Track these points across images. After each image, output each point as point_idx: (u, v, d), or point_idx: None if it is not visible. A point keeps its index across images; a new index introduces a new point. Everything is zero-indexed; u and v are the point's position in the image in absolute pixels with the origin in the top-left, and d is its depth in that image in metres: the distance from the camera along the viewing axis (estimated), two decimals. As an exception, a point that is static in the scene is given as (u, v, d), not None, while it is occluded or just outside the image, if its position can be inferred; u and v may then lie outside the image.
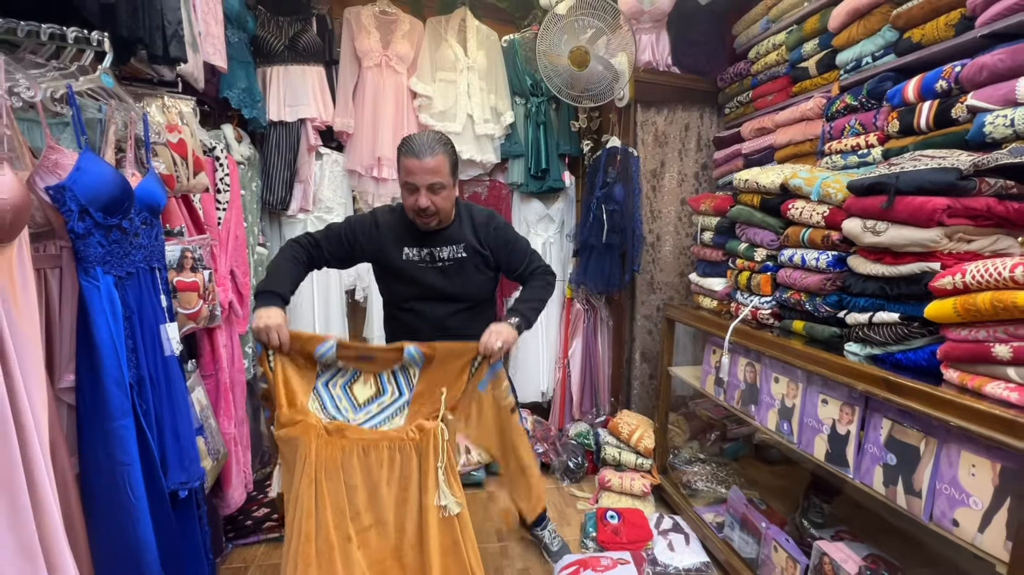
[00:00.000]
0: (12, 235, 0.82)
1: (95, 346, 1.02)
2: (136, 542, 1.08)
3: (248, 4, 2.16)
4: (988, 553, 0.97)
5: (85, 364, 1.02)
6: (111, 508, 1.06)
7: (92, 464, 1.04)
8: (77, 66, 1.06)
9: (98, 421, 1.04)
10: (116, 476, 1.06)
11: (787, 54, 2.07)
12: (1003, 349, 0.99)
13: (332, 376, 1.32)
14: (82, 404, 1.03)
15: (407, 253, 1.47)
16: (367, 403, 1.31)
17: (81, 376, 1.02)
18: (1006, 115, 1.24)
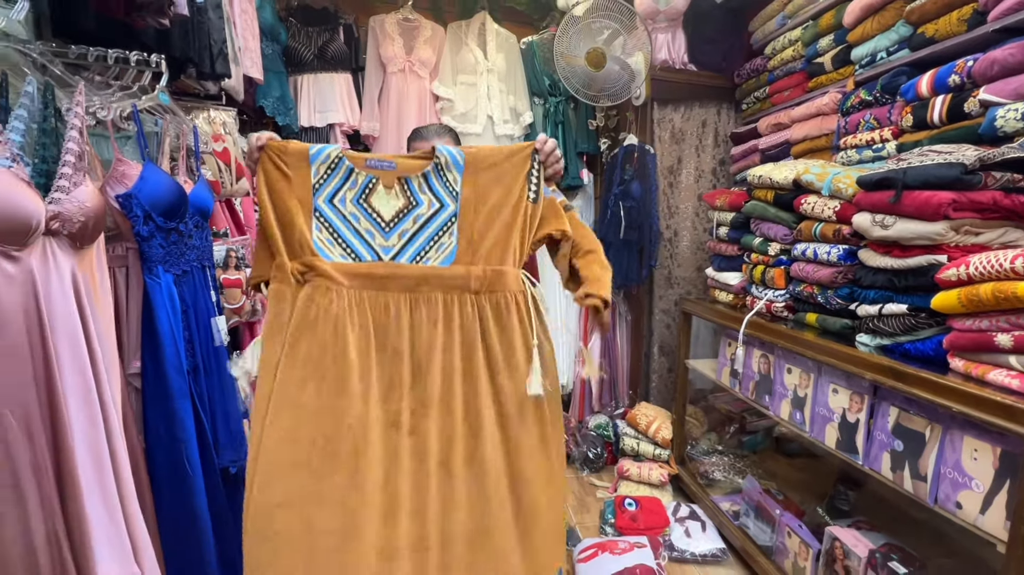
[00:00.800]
0: (93, 238, 0.94)
1: (158, 336, 1.14)
2: (192, 510, 1.20)
3: (280, 16, 2.28)
4: (989, 533, 1.01)
5: (149, 352, 1.14)
6: (171, 480, 1.18)
7: (155, 441, 1.17)
8: (138, 86, 1.19)
9: (160, 403, 1.16)
10: (175, 452, 1.18)
11: (803, 50, 2.08)
12: (1005, 338, 1.03)
13: (339, 188, 0.96)
14: (146, 387, 1.16)
15: None
16: (398, 220, 0.97)
17: (146, 363, 1.15)
18: (1017, 109, 1.26)
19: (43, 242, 0.83)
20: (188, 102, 1.51)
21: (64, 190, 0.87)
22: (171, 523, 1.18)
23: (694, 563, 1.87)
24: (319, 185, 0.96)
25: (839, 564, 1.42)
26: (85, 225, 0.89)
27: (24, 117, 0.89)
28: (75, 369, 0.86)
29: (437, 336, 0.93)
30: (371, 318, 0.93)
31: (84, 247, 0.93)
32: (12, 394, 0.76)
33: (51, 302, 0.83)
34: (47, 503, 0.80)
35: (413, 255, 0.97)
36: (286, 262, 0.95)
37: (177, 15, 1.09)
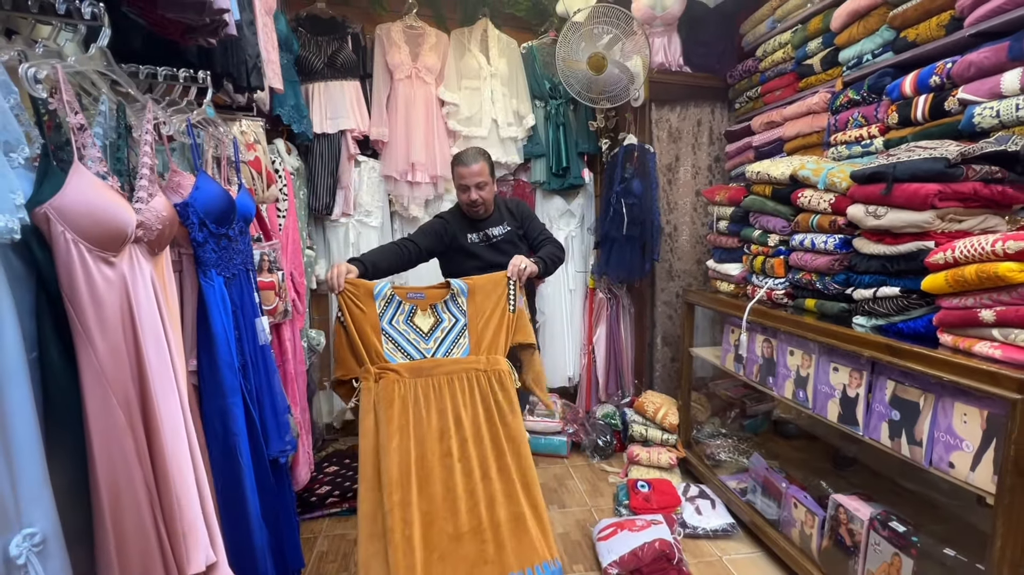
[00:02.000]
0: (166, 244, 1.02)
1: (212, 336, 1.21)
2: (243, 499, 1.28)
3: (292, 27, 2.35)
4: (979, 487, 1.13)
5: (204, 351, 1.22)
6: (224, 471, 1.25)
7: (211, 434, 1.24)
8: (186, 101, 1.26)
9: (215, 398, 1.23)
10: (229, 445, 1.26)
11: (793, 52, 2.21)
12: (988, 313, 1.15)
13: (394, 314, 1.55)
14: (202, 384, 1.23)
15: (471, 237, 1.92)
16: (432, 331, 1.56)
17: (201, 361, 1.22)
18: (992, 107, 1.39)
19: (129, 249, 0.91)
20: (221, 114, 1.58)
21: (143, 200, 0.95)
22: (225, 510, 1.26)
23: (706, 538, 1.99)
24: (382, 314, 1.55)
25: (843, 528, 1.54)
26: (162, 233, 0.97)
27: (100, 135, 0.97)
28: (160, 367, 0.94)
29: (466, 398, 1.50)
30: (424, 394, 1.48)
31: (159, 253, 1.01)
32: (118, 388, 0.84)
33: (139, 304, 0.90)
34: (149, 488, 0.87)
35: (444, 352, 1.57)
36: (370, 367, 1.49)
37: (227, 35, 1.17)
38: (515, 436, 1.48)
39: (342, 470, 2.36)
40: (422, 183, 2.64)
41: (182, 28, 1.10)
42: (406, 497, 1.37)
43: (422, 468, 1.41)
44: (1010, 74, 1.36)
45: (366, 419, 1.45)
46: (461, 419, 1.47)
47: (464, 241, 1.91)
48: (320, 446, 2.64)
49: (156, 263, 1.01)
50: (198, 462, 1.03)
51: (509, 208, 2.01)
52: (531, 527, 1.44)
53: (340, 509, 2.19)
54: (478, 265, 1.85)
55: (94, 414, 0.81)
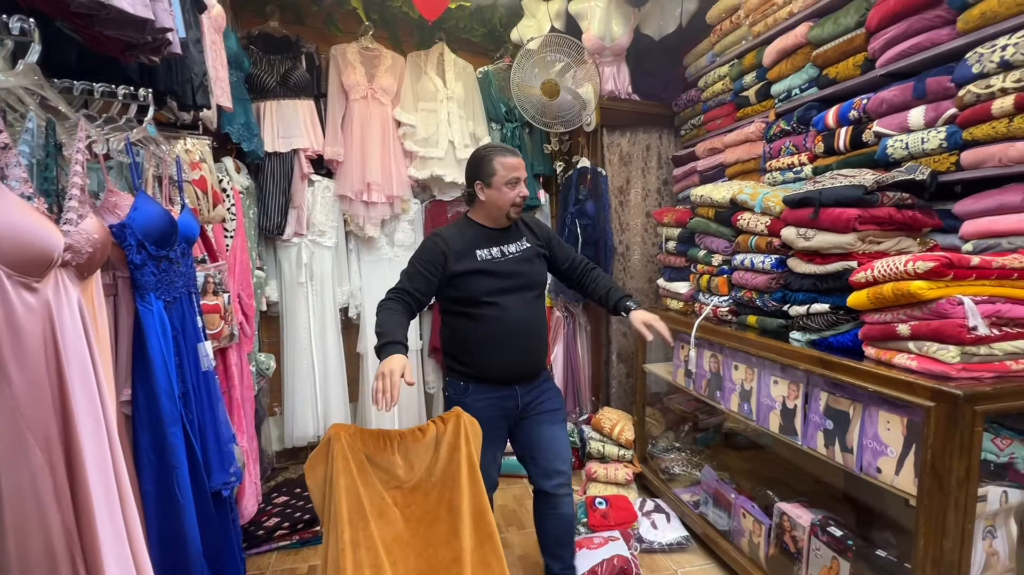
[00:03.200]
0: (97, 267, 0.97)
1: (150, 363, 1.15)
2: (183, 536, 1.21)
3: (243, 45, 2.32)
4: (902, 490, 1.21)
5: (141, 379, 1.16)
6: (163, 506, 1.18)
7: (146, 467, 1.17)
8: (125, 119, 1.21)
9: (152, 429, 1.17)
10: (167, 479, 1.19)
11: (731, 84, 2.37)
12: (904, 328, 1.25)
13: None
14: (137, 415, 1.16)
15: (481, 255, 1.55)
16: None
17: (137, 390, 1.16)
18: (902, 139, 1.54)
19: (55, 273, 0.86)
20: (165, 132, 1.53)
21: (72, 222, 0.90)
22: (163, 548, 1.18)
23: (662, 552, 2.02)
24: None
25: (787, 535, 1.60)
26: (92, 256, 0.93)
27: (27, 153, 0.92)
28: (86, 398, 0.89)
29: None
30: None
31: (88, 277, 0.96)
32: (36, 426, 0.78)
33: (64, 332, 0.85)
34: (67, 528, 0.81)
35: None
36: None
37: (171, 53, 1.14)
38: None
39: (292, 500, 2.26)
40: (378, 203, 2.62)
41: (122, 45, 1.07)
42: (356, 536, 1.27)
43: (373, 505, 1.31)
44: (915, 111, 1.52)
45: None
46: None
47: (472, 259, 1.55)
48: (269, 475, 2.52)
49: (85, 288, 0.96)
50: (127, 499, 0.97)
51: (528, 223, 1.71)
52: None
53: (290, 542, 2.09)
54: (497, 286, 1.54)
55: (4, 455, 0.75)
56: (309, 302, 2.57)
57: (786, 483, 2.10)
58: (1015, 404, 1.14)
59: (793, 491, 2.01)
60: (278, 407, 2.67)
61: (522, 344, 1.58)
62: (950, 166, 1.43)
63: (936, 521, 1.12)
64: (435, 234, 1.60)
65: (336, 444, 1.33)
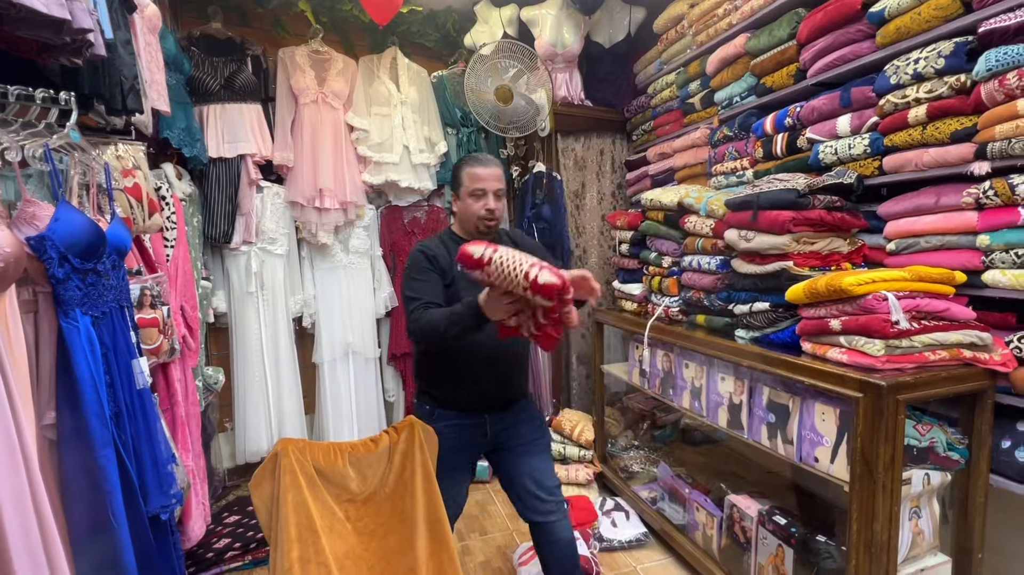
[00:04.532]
0: (8, 284, 0.91)
1: (76, 383, 1.08)
2: (119, 565, 1.14)
3: (182, 47, 2.22)
4: (837, 478, 1.28)
5: (66, 401, 1.08)
6: (94, 534, 1.11)
7: (76, 494, 1.10)
8: (44, 123, 1.14)
9: (81, 453, 1.10)
10: (99, 504, 1.12)
11: (677, 91, 2.45)
12: (836, 323, 1.32)
13: None
14: (63, 439, 1.09)
15: (459, 267, 1.33)
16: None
17: (62, 412, 1.08)
18: (831, 146, 1.63)
19: (-41, 291, 0.80)
20: (93, 138, 1.44)
21: (-20, 236, 0.84)
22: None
23: (621, 550, 2.06)
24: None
25: (737, 526, 1.66)
26: (4, 271, 0.87)
27: (-73, 161, 0.85)
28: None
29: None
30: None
31: (1, 293, 0.89)
32: (-63, 452, 0.72)
33: (-29, 353, 0.79)
34: (-24, 564, 0.75)
35: None
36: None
37: (94, 55, 1.08)
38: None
39: (244, 518, 2.17)
40: (331, 209, 2.56)
41: (36, 46, 1.01)
42: (306, 553, 1.24)
43: (324, 520, 1.27)
44: (843, 119, 1.61)
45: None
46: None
47: (455, 271, 1.44)
48: (220, 494, 2.41)
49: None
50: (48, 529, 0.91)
51: (511, 237, 1.60)
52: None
53: (242, 562, 2.00)
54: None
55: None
56: (260, 312, 2.49)
57: (740, 476, 2.18)
58: (933, 392, 1.22)
59: (746, 483, 2.08)
60: (229, 422, 2.57)
61: (498, 368, 1.45)
62: (874, 170, 1.53)
63: (867, 505, 1.19)
64: (418, 245, 1.50)
65: (284, 459, 1.29)
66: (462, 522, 2.26)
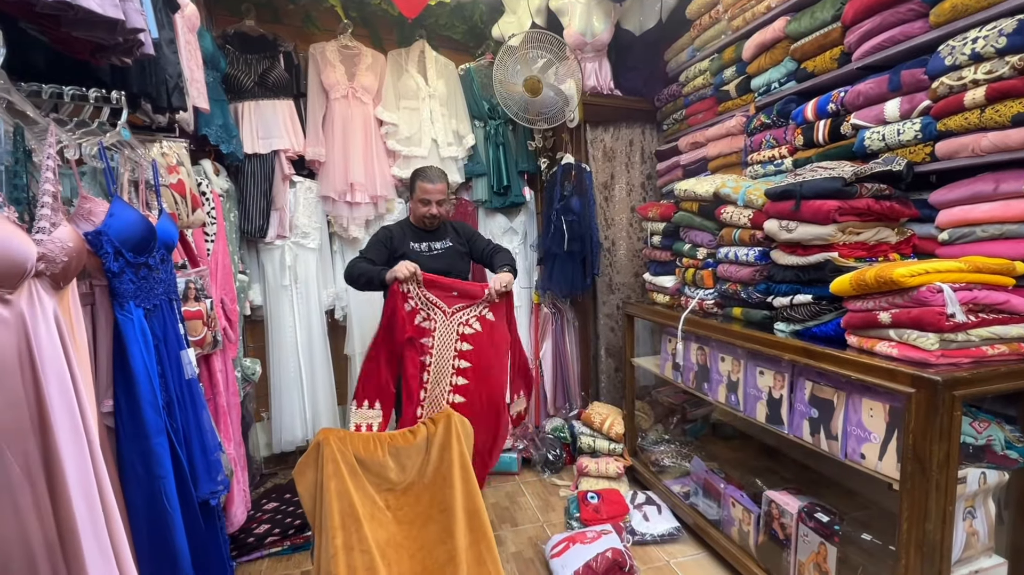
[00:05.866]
0: (72, 276, 0.94)
1: (131, 373, 1.13)
2: (172, 547, 1.19)
3: (219, 45, 2.27)
4: (886, 475, 1.24)
5: (123, 389, 1.13)
6: (150, 517, 1.16)
7: (132, 479, 1.15)
8: (97, 123, 1.18)
9: (136, 440, 1.14)
10: (154, 489, 1.16)
11: (711, 79, 2.38)
12: (885, 315, 1.28)
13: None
14: (120, 425, 1.14)
15: (414, 246, 2.07)
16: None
17: (119, 400, 1.13)
18: (879, 131, 1.56)
19: (28, 284, 0.83)
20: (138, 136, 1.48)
21: (45, 231, 0.87)
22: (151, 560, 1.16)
23: (654, 544, 2.04)
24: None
25: (776, 523, 1.63)
26: (67, 265, 0.90)
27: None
28: (65, 411, 0.86)
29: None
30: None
31: (64, 287, 0.93)
32: (14, 441, 0.76)
33: (40, 344, 0.83)
34: (49, 545, 0.79)
35: None
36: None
37: (143, 54, 1.11)
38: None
39: (282, 505, 2.24)
40: (362, 203, 2.59)
41: (91, 47, 1.04)
42: (349, 540, 1.28)
43: (365, 508, 1.32)
44: (891, 103, 1.54)
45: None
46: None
47: (407, 248, 2.05)
48: (258, 482, 2.49)
49: (61, 298, 0.93)
50: (111, 512, 0.94)
51: (455, 227, 2.20)
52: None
53: (281, 547, 2.06)
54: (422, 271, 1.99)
55: (-17, 469, 0.73)
56: (294, 305, 2.54)
57: (774, 471, 2.14)
58: (991, 388, 1.17)
59: (781, 479, 2.05)
60: (265, 412, 2.64)
61: None
62: (925, 157, 1.46)
63: (919, 504, 1.15)
64: (383, 227, 2.13)
65: (326, 448, 1.32)
66: (494, 513, 2.28)
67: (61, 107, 1.18)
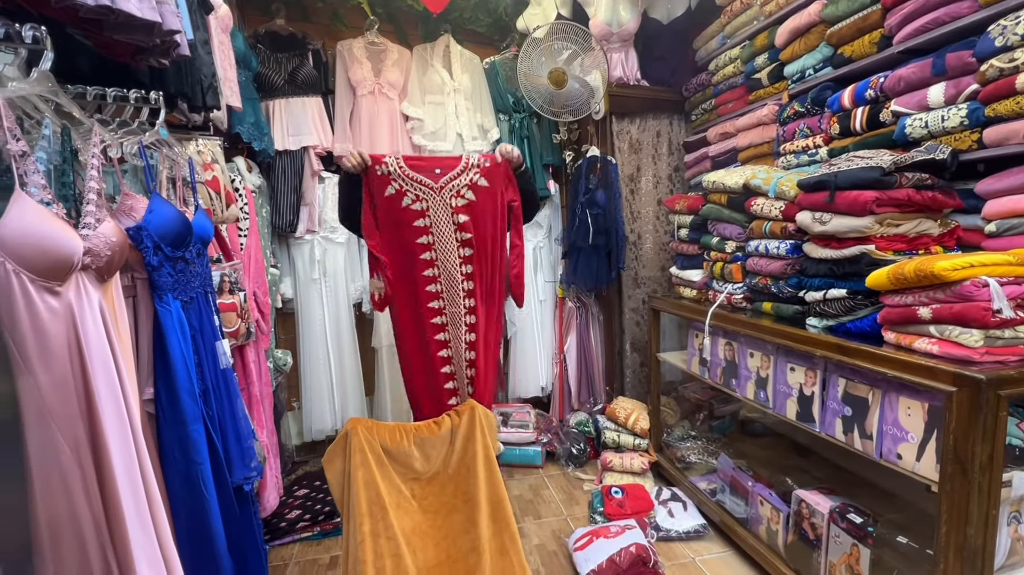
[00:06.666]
0: (116, 270, 0.99)
1: (170, 362, 1.18)
2: (209, 529, 1.24)
3: (250, 44, 2.33)
4: (924, 476, 1.20)
5: (162, 378, 1.18)
6: (188, 501, 1.21)
7: (171, 464, 1.20)
8: (137, 122, 1.23)
9: (175, 426, 1.19)
10: (191, 474, 1.22)
11: (742, 66, 2.31)
12: (925, 311, 1.22)
13: None
14: (160, 413, 1.19)
15: None
16: None
17: (159, 389, 1.18)
18: (921, 118, 1.49)
19: (76, 277, 0.88)
20: (175, 134, 1.54)
21: (90, 227, 0.92)
22: (189, 543, 1.21)
23: (679, 540, 2.02)
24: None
25: (806, 523, 1.59)
26: (111, 259, 0.94)
27: (44, 159, 0.94)
28: (110, 398, 0.91)
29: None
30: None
31: (108, 280, 0.98)
32: (64, 425, 0.81)
33: (87, 334, 0.87)
34: (97, 524, 0.84)
35: None
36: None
37: (179, 56, 1.15)
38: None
39: (313, 492, 2.31)
40: (388, 198, 2.62)
41: (131, 50, 1.08)
42: (376, 527, 1.31)
43: (391, 497, 1.35)
44: (935, 88, 1.47)
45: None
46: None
47: None
48: (289, 469, 2.57)
49: (105, 290, 0.98)
50: (154, 495, 0.99)
51: None
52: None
53: (311, 533, 2.13)
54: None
55: (35, 451, 0.78)
56: (323, 298, 2.60)
57: (806, 471, 2.08)
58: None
59: (813, 478, 1.99)
60: (296, 402, 2.72)
61: None
62: (972, 144, 1.39)
63: (959, 507, 1.10)
64: None
65: (353, 438, 1.35)
66: (516, 506, 2.30)
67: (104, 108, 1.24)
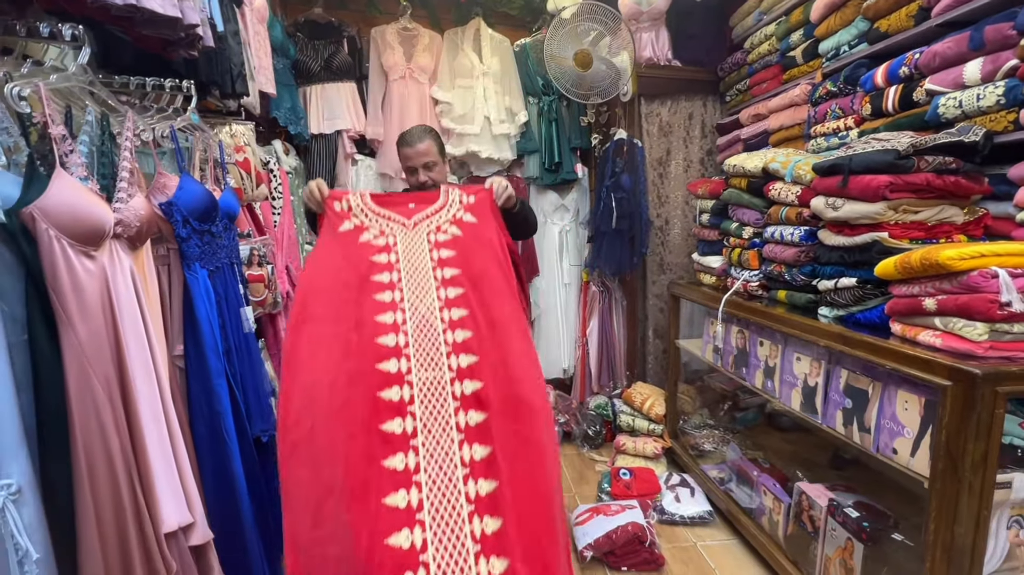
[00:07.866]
0: (146, 239, 1.13)
1: (197, 323, 1.33)
2: (230, 473, 1.40)
3: (288, 32, 2.47)
4: (917, 473, 1.16)
5: (190, 337, 1.33)
6: (212, 447, 1.37)
7: (197, 413, 1.36)
8: (172, 108, 1.37)
9: (201, 380, 1.35)
10: (215, 423, 1.37)
11: (777, 44, 2.21)
12: (931, 302, 1.17)
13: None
14: (189, 368, 1.35)
15: None
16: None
17: (187, 346, 1.34)
18: (955, 97, 1.39)
19: (109, 244, 1.02)
20: (211, 119, 1.69)
21: (123, 201, 1.06)
22: (212, 484, 1.38)
23: (683, 525, 2.03)
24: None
25: (805, 515, 1.57)
26: (140, 229, 1.08)
27: (87, 142, 1.08)
28: (138, 349, 1.05)
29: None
30: None
31: (138, 248, 1.12)
32: (98, 367, 0.95)
33: (118, 293, 1.01)
34: (125, 453, 0.99)
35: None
36: None
37: (205, 47, 1.27)
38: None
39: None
40: (416, 180, 2.72)
41: (161, 42, 1.21)
42: None
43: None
44: (971, 64, 1.36)
45: None
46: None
47: None
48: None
49: (137, 257, 1.12)
50: (176, 434, 1.14)
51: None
52: None
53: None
54: None
55: (74, 388, 0.92)
56: (354, 275, 2.75)
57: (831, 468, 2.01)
58: (1051, 387, 1.04)
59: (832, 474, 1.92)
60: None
61: None
62: (1008, 125, 1.28)
63: (948, 506, 1.06)
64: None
65: None
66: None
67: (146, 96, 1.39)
